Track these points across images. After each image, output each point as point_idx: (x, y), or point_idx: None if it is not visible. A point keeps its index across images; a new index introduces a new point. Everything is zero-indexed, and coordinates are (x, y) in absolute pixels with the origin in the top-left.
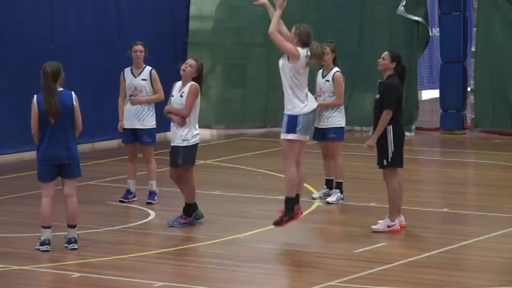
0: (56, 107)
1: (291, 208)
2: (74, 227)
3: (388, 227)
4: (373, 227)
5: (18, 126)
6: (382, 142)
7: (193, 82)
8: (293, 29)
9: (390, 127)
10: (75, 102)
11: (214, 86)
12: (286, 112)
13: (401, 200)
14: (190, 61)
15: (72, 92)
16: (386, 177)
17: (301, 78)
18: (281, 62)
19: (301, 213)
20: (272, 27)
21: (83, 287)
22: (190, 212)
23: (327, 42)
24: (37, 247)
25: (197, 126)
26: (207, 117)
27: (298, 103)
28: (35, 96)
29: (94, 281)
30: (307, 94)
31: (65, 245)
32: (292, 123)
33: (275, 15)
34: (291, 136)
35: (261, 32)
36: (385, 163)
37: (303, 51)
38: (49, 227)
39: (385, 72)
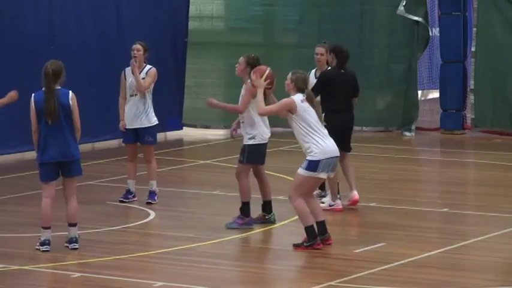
0: (53, 108)
1: (312, 236)
2: (74, 225)
3: (330, 205)
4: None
5: (18, 126)
6: None
7: (250, 80)
8: (289, 75)
9: (323, 116)
10: (71, 101)
11: (214, 86)
12: (307, 158)
13: (353, 177)
14: (240, 59)
15: (70, 91)
16: None
17: (310, 116)
18: (288, 120)
19: (322, 245)
20: (258, 109)
21: (83, 287)
22: (246, 212)
23: (322, 43)
24: (37, 247)
25: (267, 125)
26: (207, 117)
27: (317, 144)
28: (33, 95)
29: (94, 281)
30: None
31: (66, 244)
32: (313, 166)
33: (257, 97)
34: (309, 174)
35: (261, 32)
36: None
37: (297, 97)
38: (49, 228)
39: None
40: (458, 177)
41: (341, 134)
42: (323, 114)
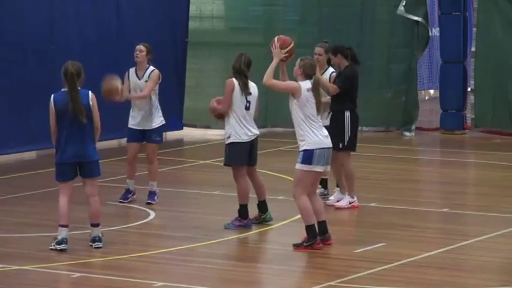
0: (82, 107)
1: (312, 236)
2: (97, 225)
3: (350, 203)
4: (336, 204)
5: (18, 126)
6: (339, 126)
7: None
8: (298, 61)
9: (348, 113)
10: (92, 102)
11: (214, 86)
12: (301, 148)
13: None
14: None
15: (90, 92)
16: (341, 159)
17: (309, 108)
18: (289, 103)
19: (322, 245)
20: (266, 77)
21: (83, 287)
22: (244, 214)
23: (323, 42)
24: (52, 247)
25: (246, 125)
26: (207, 117)
27: (311, 135)
28: (52, 96)
29: (94, 281)
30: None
31: (90, 243)
32: (308, 157)
33: (271, 65)
34: (306, 167)
35: (261, 32)
36: (340, 146)
37: (305, 84)
38: (66, 226)
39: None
40: (458, 177)
41: (357, 133)
42: (347, 112)
